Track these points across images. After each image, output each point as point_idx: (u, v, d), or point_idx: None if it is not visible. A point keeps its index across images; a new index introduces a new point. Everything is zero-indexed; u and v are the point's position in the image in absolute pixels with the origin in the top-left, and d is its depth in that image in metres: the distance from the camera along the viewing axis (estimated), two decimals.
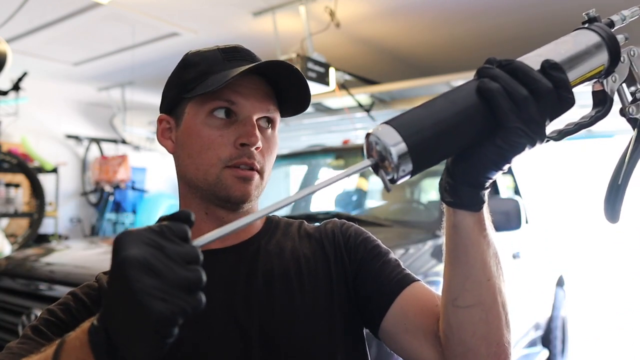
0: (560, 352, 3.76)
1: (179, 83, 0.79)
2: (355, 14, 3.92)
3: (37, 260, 2.12)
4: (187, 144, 0.76)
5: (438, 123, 0.50)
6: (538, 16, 3.96)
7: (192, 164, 0.76)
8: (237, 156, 0.73)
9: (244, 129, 0.74)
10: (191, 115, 0.76)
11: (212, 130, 0.74)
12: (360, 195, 3.46)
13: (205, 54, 0.79)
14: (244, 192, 0.74)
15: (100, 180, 6.64)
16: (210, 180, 0.74)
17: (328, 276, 0.79)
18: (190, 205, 0.79)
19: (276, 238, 0.83)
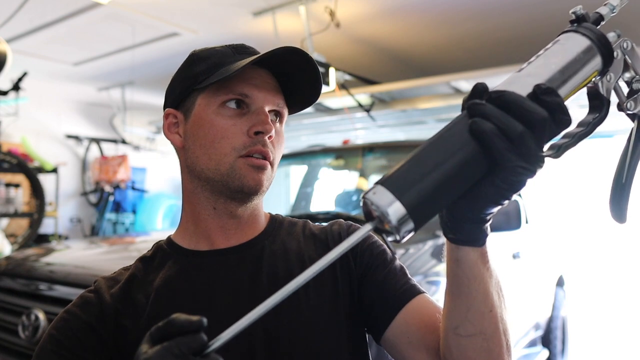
0: (560, 352, 3.76)
1: (188, 77, 0.78)
2: (355, 14, 3.92)
3: (37, 260, 2.12)
4: (199, 134, 0.75)
5: (433, 176, 0.48)
6: (538, 16, 3.96)
7: (204, 154, 0.75)
8: (250, 144, 0.73)
9: (258, 118, 0.74)
10: (202, 106, 0.76)
11: (225, 119, 0.74)
12: (360, 195, 3.46)
13: (214, 49, 0.79)
14: (258, 182, 0.74)
15: (100, 180, 6.64)
16: (223, 171, 0.73)
17: (333, 279, 0.79)
18: (197, 201, 0.78)
19: (280, 238, 0.83)
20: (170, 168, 7.73)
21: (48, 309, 1.77)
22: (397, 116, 5.52)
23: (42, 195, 4.54)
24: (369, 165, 3.56)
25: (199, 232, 0.79)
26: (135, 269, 0.80)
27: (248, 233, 0.81)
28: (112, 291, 0.76)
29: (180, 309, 0.72)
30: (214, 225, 0.78)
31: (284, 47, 0.73)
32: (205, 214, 0.78)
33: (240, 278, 0.76)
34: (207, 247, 0.79)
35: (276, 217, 0.88)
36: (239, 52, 0.78)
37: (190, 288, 0.75)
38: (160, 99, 0.84)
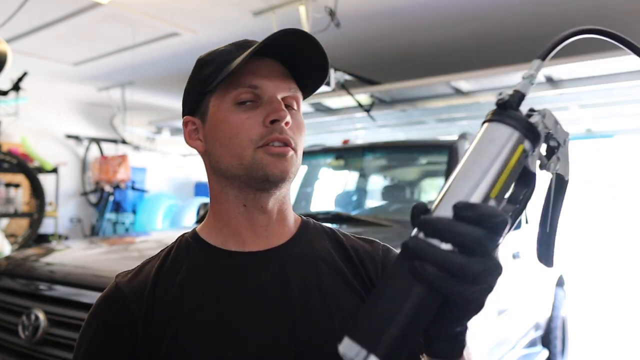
0: (560, 352, 3.77)
1: (198, 82, 0.78)
2: (355, 14, 3.92)
3: (37, 260, 2.12)
4: (217, 135, 0.76)
5: (394, 321, 0.49)
6: (538, 16, 3.96)
7: (225, 152, 0.75)
8: (267, 133, 0.73)
9: (271, 106, 0.73)
10: (216, 107, 0.76)
11: (239, 114, 0.74)
12: (360, 195, 3.46)
13: (218, 50, 0.79)
14: (282, 169, 0.73)
15: (100, 180, 6.64)
16: (246, 164, 0.73)
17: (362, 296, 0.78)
18: (227, 202, 0.78)
19: (312, 245, 0.81)
20: (170, 168, 7.73)
21: (48, 309, 1.77)
22: (397, 116, 5.52)
23: (42, 195, 4.54)
24: (369, 165, 3.56)
25: (229, 231, 0.78)
26: (159, 262, 0.79)
27: (278, 234, 0.80)
28: (134, 288, 0.76)
29: (203, 306, 0.72)
30: (245, 223, 0.77)
31: (283, 30, 0.73)
32: (236, 212, 0.77)
33: (269, 282, 0.75)
34: (236, 247, 0.78)
35: (308, 221, 0.86)
36: (242, 47, 0.78)
37: (216, 286, 0.74)
38: (160, 99, 0.83)
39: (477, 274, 0.46)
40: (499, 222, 0.47)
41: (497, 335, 2.63)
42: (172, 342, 0.70)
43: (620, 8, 3.78)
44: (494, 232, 0.47)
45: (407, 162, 3.47)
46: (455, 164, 1.95)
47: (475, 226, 0.47)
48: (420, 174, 3.54)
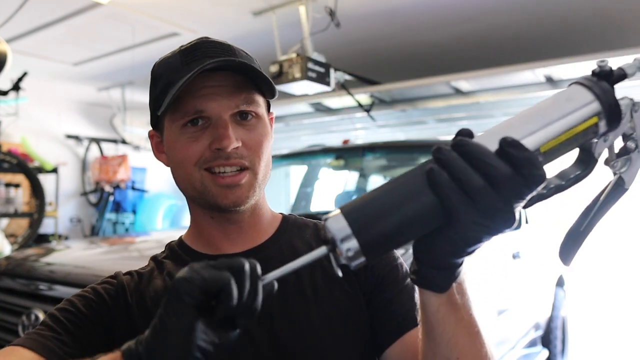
0: (560, 352, 3.76)
1: (152, 99, 0.78)
2: (355, 14, 3.92)
3: (37, 260, 2.12)
4: (171, 157, 0.76)
5: (390, 218, 0.48)
6: (538, 16, 3.96)
7: (179, 175, 0.76)
8: (211, 158, 0.71)
9: (216, 132, 0.71)
10: (168, 129, 0.76)
11: (187, 137, 0.73)
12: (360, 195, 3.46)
13: (166, 62, 0.76)
14: (234, 199, 0.72)
15: (100, 180, 6.64)
16: (198, 188, 0.73)
17: (344, 287, 0.78)
18: (196, 214, 0.80)
19: (291, 243, 0.81)
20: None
21: (48, 309, 1.77)
22: (397, 116, 5.52)
23: (42, 195, 4.54)
24: (369, 165, 3.56)
25: (204, 238, 0.80)
26: (150, 269, 0.81)
27: (255, 236, 0.80)
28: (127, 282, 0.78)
29: None
30: (216, 233, 0.78)
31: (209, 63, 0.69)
32: (206, 223, 0.78)
33: None
34: (216, 251, 0.79)
35: (288, 218, 0.86)
36: (187, 60, 0.73)
37: None
38: None
39: (491, 206, 0.45)
40: (537, 175, 0.45)
41: (497, 335, 2.63)
42: None
43: (620, 8, 3.78)
44: (527, 182, 0.46)
45: (407, 162, 3.47)
46: None
47: (510, 166, 0.45)
48: None
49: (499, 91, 4.55)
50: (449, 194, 0.46)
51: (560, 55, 3.88)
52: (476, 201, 0.45)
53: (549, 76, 4.06)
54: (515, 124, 0.50)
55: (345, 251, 0.48)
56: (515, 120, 0.50)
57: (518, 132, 0.49)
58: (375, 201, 0.49)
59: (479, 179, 0.45)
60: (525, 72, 4.01)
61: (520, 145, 0.46)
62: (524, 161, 0.45)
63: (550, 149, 0.50)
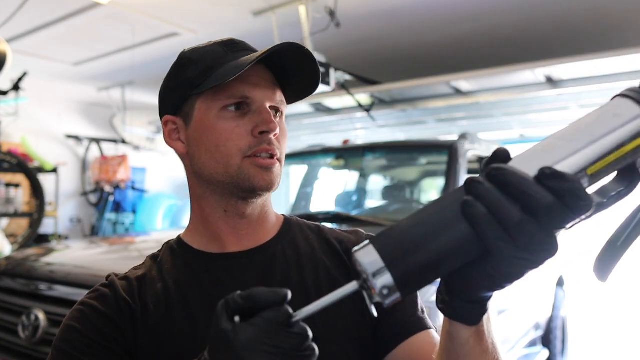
0: (560, 352, 3.77)
1: (183, 82, 0.76)
2: (355, 14, 3.92)
3: (37, 260, 2.12)
4: (203, 140, 0.74)
5: (425, 248, 0.45)
6: (538, 16, 3.96)
7: (210, 159, 0.74)
8: (256, 144, 0.73)
9: (260, 117, 0.73)
10: (203, 111, 0.74)
11: (227, 122, 0.73)
12: (360, 195, 3.46)
13: (204, 50, 0.77)
14: (269, 181, 0.74)
15: (100, 180, 6.64)
16: (232, 172, 0.73)
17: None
18: (207, 204, 0.77)
19: (294, 242, 0.81)
20: (170, 168, 7.73)
21: (48, 309, 1.77)
22: (397, 116, 5.52)
23: (42, 195, 4.54)
24: (369, 165, 3.56)
25: (210, 234, 0.79)
26: (146, 269, 0.79)
27: (260, 235, 0.80)
28: (124, 289, 0.75)
29: (190, 311, 0.72)
30: (225, 227, 0.77)
31: (283, 44, 0.72)
32: (216, 217, 0.77)
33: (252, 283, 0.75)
34: (219, 249, 0.78)
35: (290, 219, 0.86)
36: (230, 49, 0.76)
37: (201, 290, 0.74)
38: None
39: (531, 239, 0.42)
40: (583, 206, 0.42)
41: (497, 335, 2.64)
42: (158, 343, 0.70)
43: (620, 8, 3.78)
44: (571, 212, 0.42)
45: (407, 162, 3.47)
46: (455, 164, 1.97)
47: (553, 195, 0.42)
48: (420, 174, 3.54)
49: (499, 91, 4.55)
50: (485, 230, 0.43)
51: (560, 55, 3.88)
52: (514, 236, 0.42)
53: (549, 76, 4.06)
54: (558, 143, 0.46)
55: (379, 287, 0.45)
56: (557, 139, 0.46)
57: (562, 152, 0.45)
58: (408, 232, 0.46)
59: (517, 212, 0.42)
60: (525, 72, 4.01)
61: (563, 176, 0.42)
62: (568, 192, 0.42)
63: (598, 171, 0.45)
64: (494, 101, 4.70)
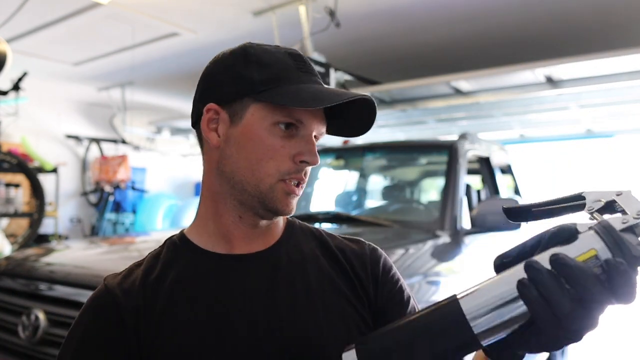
0: (560, 353, 3.76)
1: (244, 79, 0.73)
2: (355, 14, 3.92)
3: (37, 260, 2.12)
4: (247, 147, 0.73)
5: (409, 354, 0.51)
6: (538, 16, 3.97)
7: (248, 168, 0.73)
8: (294, 171, 0.73)
9: (307, 146, 0.73)
10: (256, 119, 0.72)
11: (276, 139, 0.72)
12: (360, 195, 3.46)
13: (275, 56, 0.75)
14: (291, 208, 0.75)
15: (100, 180, 6.64)
16: (263, 189, 0.72)
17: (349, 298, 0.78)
18: (224, 205, 0.76)
19: (299, 247, 0.81)
20: (170, 168, 7.74)
21: (48, 309, 1.77)
22: (397, 116, 5.52)
23: (42, 195, 4.54)
24: (369, 165, 3.56)
25: (219, 234, 0.78)
26: (148, 266, 0.78)
27: (267, 238, 0.80)
28: (124, 288, 0.74)
29: (194, 311, 0.71)
30: (236, 231, 0.77)
31: (365, 100, 0.73)
32: (229, 220, 0.76)
33: (257, 286, 0.75)
34: (225, 250, 0.77)
35: (293, 222, 0.86)
36: (300, 67, 0.75)
37: (206, 290, 0.74)
38: (160, 99, 0.81)
39: (578, 328, 0.49)
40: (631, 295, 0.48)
41: None
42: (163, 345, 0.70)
43: (621, 8, 3.78)
44: (619, 299, 0.48)
45: (407, 162, 3.47)
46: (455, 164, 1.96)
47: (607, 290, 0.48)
48: (420, 174, 3.54)
49: (499, 91, 4.56)
50: (538, 312, 0.49)
51: (560, 55, 3.89)
52: (563, 322, 0.48)
53: (549, 76, 4.06)
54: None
55: None
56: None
57: None
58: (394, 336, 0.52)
59: (568, 304, 0.48)
60: (525, 72, 4.01)
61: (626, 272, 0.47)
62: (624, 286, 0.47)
63: None
64: (494, 101, 4.70)
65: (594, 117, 5.56)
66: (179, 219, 6.27)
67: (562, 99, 4.52)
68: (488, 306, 0.51)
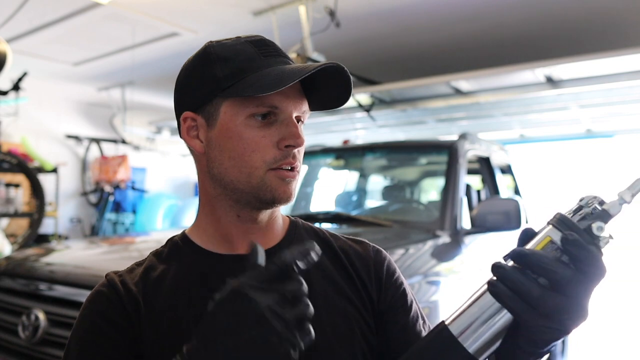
0: (560, 352, 3.76)
1: (209, 80, 0.72)
2: (355, 14, 3.92)
3: (37, 260, 2.12)
4: (227, 146, 0.72)
5: None
6: (538, 16, 3.96)
7: (234, 166, 0.72)
8: (281, 157, 0.71)
9: (288, 130, 0.71)
10: (229, 116, 0.71)
11: (254, 131, 0.71)
12: (360, 195, 3.46)
13: (235, 48, 0.74)
14: (289, 194, 0.73)
15: (100, 180, 6.64)
16: (254, 183, 0.72)
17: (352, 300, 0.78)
18: (220, 207, 0.76)
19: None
20: (170, 168, 7.74)
21: (48, 309, 1.77)
22: (397, 116, 5.52)
23: (42, 195, 4.54)
24: (369, 165, 3.56)
25: (219, 235, 0.77)
26: (150, 264, 0.78)
27: (269, 238, 0.79)
28: (126, 283, 0.74)
29: (194, 311, 0.71)
30: (236, 231, 0.77)
31: (329, 66, 0.71)
32: (228, 220, 0.76)
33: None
34: (227, 250, 0.77)
35: (296, 222, 0.85)
36: (262, 52, 0.73)
37: (208, 290, 0.73)
38: (160, 99, 0.80)
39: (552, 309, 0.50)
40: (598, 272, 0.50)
41: None
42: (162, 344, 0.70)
43: (620, 8, 3.78)
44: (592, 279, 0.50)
45: (407, 162, 3.47)
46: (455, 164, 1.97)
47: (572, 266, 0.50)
48: (420, 174, 3.54)
49: (499, 91, 4.56)
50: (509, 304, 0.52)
51: (560, 55, 3.89)
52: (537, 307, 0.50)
53: (549, 76, 4.06)
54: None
55: None
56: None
57: None
58: None
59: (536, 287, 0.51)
60: (525, 72, 4.01)
61: (580, 243, 0.50)
62: (585, 260, 0.50)
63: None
64: (494, 101, 4.70)
65: (594, 117, 5.56)
66: (179, 219, 6.27)
67: (562, 99, 4.52)
68: (474, 322, 0.54)
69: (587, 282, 0.50)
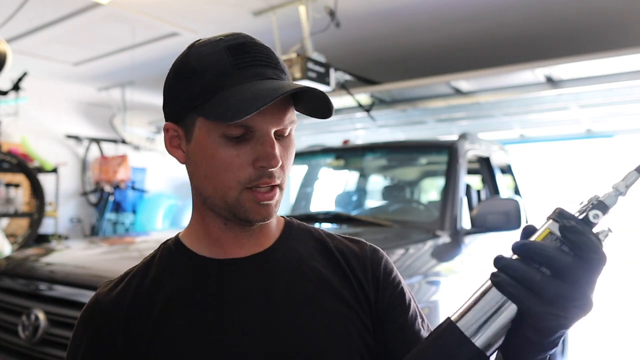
0: (560, 352, 3.76)
1: (184, 95, 0.70)
2: (355, 14, 3.92)
3: (37, 260, 2.12)
4: (202, 164, 0.71)
5: None
6: (538, 16, 3.96)
7: (209, 185, 0.71)
8: (256, 177, 0.68)
9: (263, 149, 0.67)
10: (203, 133, 0.69)
11: (227, 150, 0.68)
12: (360, 195, 3.46)
13: (211, 58, 0.69)
14: (265, 215, 0.71)
15: (100, 180, 6.64)
16: (230, 202, 0.70)
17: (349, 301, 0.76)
18: (207, 216, 0.75)
19: (296, 248, 0.79)
20: (170, 168, 7.73)
21: (48, 309, 1.77)
22: (397, 116, 5.53)
23: (42, 195, 4.54)
24: (369, 165, 3.56)
25: (210, 240, 0.76)
26: (142, 272, 0.77)
27: (262, 240, 0.78)
28: (116, 297, 0.74)
29: (190, 317, 0.71)
30: (225, 236, 0.76)
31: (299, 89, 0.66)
32: (216, 227, 0.75)
33: (254, 290, 0.74)
34: (220, 255, 0.76)
35: (291, 222, 0.84)
36: (238, 64, 0.68)
37: (202, 296, 0.73)
38: (160, 99, 0.79)
39: (554, 295, 0.51)
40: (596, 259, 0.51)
41: None
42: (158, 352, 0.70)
43: (621, 8, 3.78)
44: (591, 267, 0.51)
45: (407, 162, 3.47)
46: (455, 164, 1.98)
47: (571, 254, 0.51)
48: (420, 174, 3.54)
49: (499, 91, 4.56)
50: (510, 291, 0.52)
51: (560, 55, 3.89)
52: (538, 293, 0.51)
53: (549, 76, 4.07)
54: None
55: None
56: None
57: None
58: None
59: (536, 274, 0.51)
60: (525, 72, 4.01)
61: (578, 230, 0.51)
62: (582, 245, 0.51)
63: None
64: (494, 101, 4.70)
65: (594, 117, 5.56)
66: (179, 219, 6.27)
67: (562, 99, 4.52)
68: (480, 316, 0.55)
69: (587, 269, 0.51)
